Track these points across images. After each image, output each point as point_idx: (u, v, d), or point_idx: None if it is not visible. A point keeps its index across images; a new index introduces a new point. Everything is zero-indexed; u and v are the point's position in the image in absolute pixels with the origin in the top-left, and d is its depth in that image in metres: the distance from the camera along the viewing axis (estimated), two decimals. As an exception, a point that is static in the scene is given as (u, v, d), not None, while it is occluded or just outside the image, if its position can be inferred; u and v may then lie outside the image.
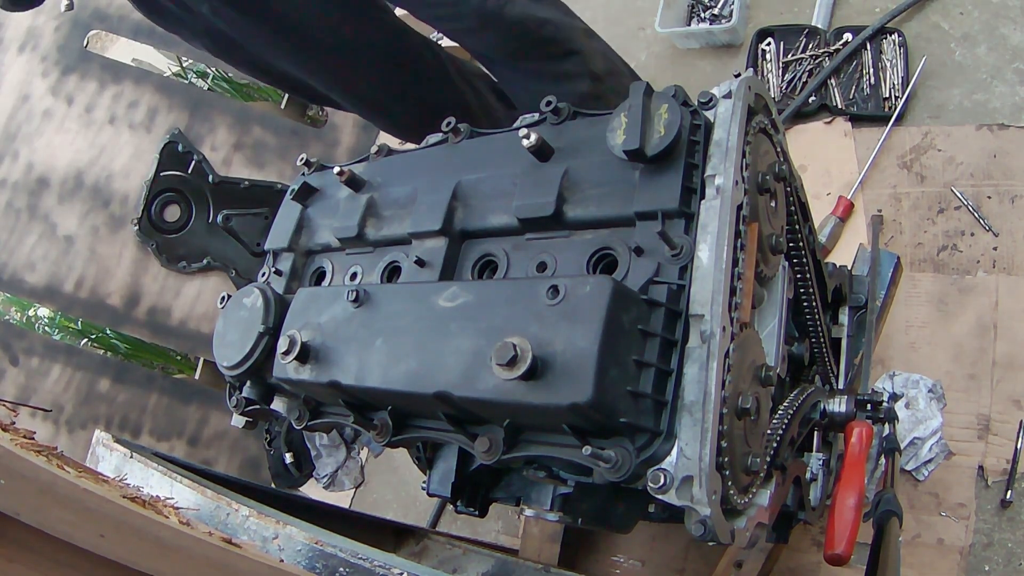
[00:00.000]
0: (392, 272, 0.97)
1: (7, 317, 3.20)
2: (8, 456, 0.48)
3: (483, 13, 1.34)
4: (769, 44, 1.82)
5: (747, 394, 0.74)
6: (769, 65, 1.81)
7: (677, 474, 0.69)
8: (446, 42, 1.89)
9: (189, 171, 2.28)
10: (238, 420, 1.04)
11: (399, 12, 1.58)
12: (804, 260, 0.98)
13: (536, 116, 0.90)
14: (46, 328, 3.07)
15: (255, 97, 2.67)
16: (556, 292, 0.69)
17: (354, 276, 1.01)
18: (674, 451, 0.70)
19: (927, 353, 1.45)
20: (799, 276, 0.99)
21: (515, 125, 0.92)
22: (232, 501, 0.87)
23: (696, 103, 0.79)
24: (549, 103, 0.89)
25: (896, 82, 1.66)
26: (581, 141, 0.85)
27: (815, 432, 1.13)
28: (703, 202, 0.75)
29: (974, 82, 1.62)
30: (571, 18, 1.52)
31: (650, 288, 0.73)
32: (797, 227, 0.95)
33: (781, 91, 1.78)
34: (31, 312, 3.20)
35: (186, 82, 2.73)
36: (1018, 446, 1.32)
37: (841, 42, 1.75)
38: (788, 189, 0.92)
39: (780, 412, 0.92)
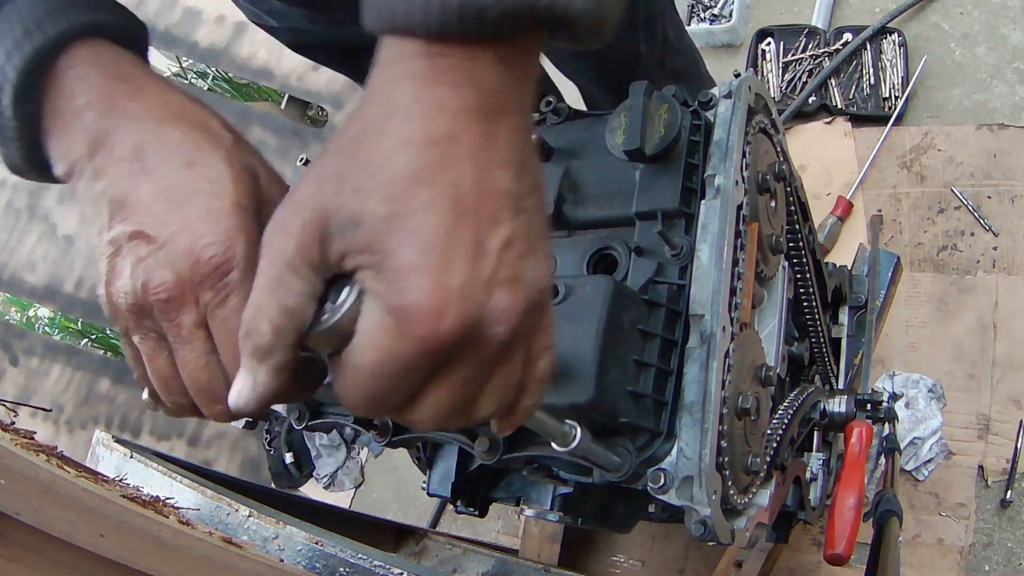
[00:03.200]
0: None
1: (7, 317, 3.20)
2: (8, 456, 0.48)
3: None
4: (769, 44, 1.82)
5: (747, 394, 0.74)
6: (769, 65, 1.81)
7: (677, 474, 0.69)
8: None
9: (189, 171, 2.27)
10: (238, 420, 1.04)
11: None
12: (804, 260, 0.98)
13: (535, 116, 0.91)
14: (46, 328, 3.08)
15: (255, 97, 2.67)
16: (556, 292, 0.69)
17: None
18: (674, 451, 0.70)
19: (927, 353, 1.45)
20: (799, 276, 0.99)
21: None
22: (232, 501, 0.87)
23: (696, 103, 0.79)
24: (549, 103, 0.89)
25: (896, 82, 1.66)
26: (581, 141, 0.85)
27: (815, 432, 1.13)
28: (703, 202, 0.75)
29: (974, 82, 1.62)
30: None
31: (650, 288, 0.73)
32: (797, 227, 0.95)
33: (781, 91, 1.78)
34: (31, 312, 3.20)
35: (186, 82, 2.73)
36: (1018, 446, 1.32)
37: (841, 42, 1.75)
38: (788, 189, 0.92)
39: (780, 412, 0.92)
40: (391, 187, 0.39)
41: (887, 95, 1.66)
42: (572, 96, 1.52)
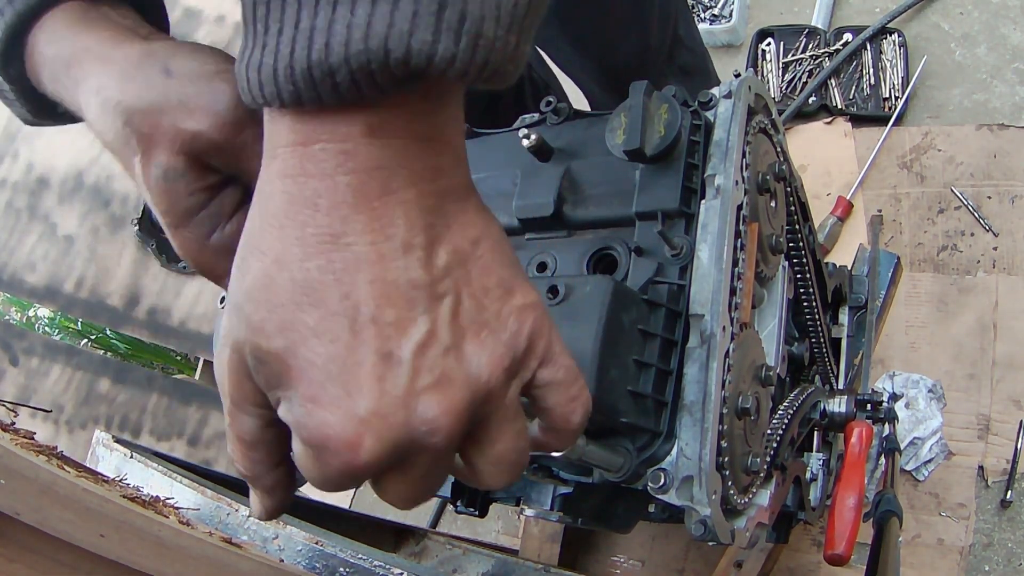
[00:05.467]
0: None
1: (7, 317, 3.20)
2: (8, 456, 0.48)
3: None
4: (769, 44, 1.82)
5: (747, 394, 0.74)
6: (769, 65, 1.81)
7: (677, 474, 0.69)
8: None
9: (189, 171, 2.27)
10: (238, 420, 1.04)
11: None
12: (804, 260, 0.98)
13: (536, 116, 0.91)
14: (46, 328, 3.08)
15: (255, 97, 2.67)
16: (556, 292, 0.69)
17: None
18: (674, 451, 0.70)
19: (927, 353, 1.45)
20: (799, 276, 0.99)
21: (515, 125, 0.92)
22: (232, 501, 0.87)
23: (696, 103, 0.79)
24: (549, 103, 0.89)
25: (896, 82, 1.66)
26: (581, 141, 0.85)
27: (815, 432, 1.13)
28: (703, 202, 0.75)
29: (974, 82, 1.62)
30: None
31: (650, 288, 0.73)
32: (797, 227, 0.95)
33: (781, 91, 1.78)
34: (31, 312, 3.21)
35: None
36: (1018, 446, 1.32)
37: (841, 42, 1.75)
38: (788, 189, 0.92)
39: (780, 412, 0.92)
40: (278, 316, 0.35)
41: (887, 95, 1.66)
42: (576, 97, 1.51)
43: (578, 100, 1.50)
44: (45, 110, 0.54)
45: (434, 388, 0.36)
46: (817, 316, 1.05)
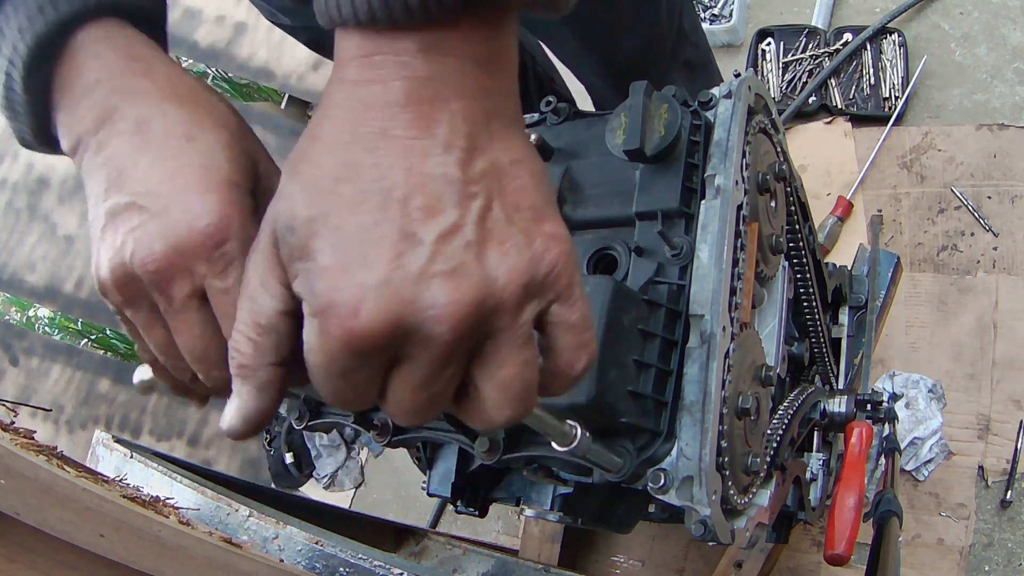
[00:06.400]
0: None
1: (7, 317, 3.20)
2: (8, 456, 0.48)
3: None
4: (769, 44, 1.82)
5: (747, 394, 0.74)
6: (769, 65, 1.81)
7: (677, 474, 0.69)
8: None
9: (189, 171, 2.27)
10: (238, 420, 1.04)
11: None
12: (804, 260, 0.98)
13: (535, 116, 0.91)
14: (46, 328, 3.07)
15: (255, 97, 2.67)
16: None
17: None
18: (674, 451, 0.70)
19: (927, 353, 1.45)
20: (799, 276, 0.99)
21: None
22: (232, 501, 0.87)
23: (696, 103, 0.79)
24: (549, 103, 0.89)
25: (896, 82, 1.66)
26: (581, 141, 0.85)
27: (815, 432, 1.13)
28: (703, 202, 0.75)
29: (974, 82, 1.62)
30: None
31: (650, 288, 0.73)
32: (797, 227, 0.95)
33: (781, 91, 1.78)
34: (31, 312, 3.20)
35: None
36: (1018, 446, 1.32)
37: (841, 42, 1.75)
38: (788, 189, 0.92)
39: (780, 412, 0.92)
40: (315, 188, 0.38)
41: (887, 95, 1.66)
42: (579, 92, 1.51)
43: (580, 95, 1.50)
44: (46, 133, 0.54)
45: (448, 276, 0.37)
46: (817, 316, 1.05)
